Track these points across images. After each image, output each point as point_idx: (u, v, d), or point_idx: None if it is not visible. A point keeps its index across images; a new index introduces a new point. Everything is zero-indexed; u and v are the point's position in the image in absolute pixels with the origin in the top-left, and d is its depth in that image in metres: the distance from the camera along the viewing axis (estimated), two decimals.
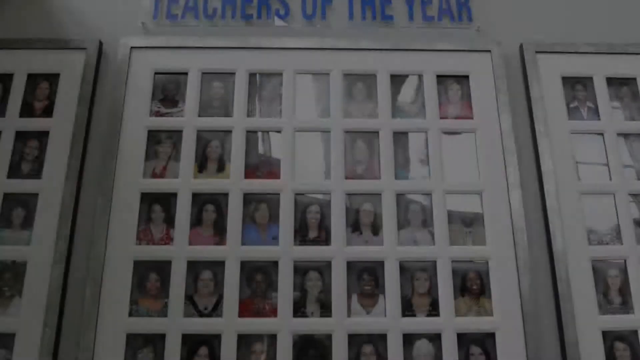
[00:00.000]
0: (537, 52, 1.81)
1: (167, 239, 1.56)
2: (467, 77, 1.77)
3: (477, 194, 1.64)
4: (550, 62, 1.81)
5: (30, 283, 1.52)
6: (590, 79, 1.81)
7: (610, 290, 1.60)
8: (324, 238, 1.57)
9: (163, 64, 1.74)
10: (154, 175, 1.62)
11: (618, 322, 1.56)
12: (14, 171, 1.64)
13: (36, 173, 1.63)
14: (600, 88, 1.80)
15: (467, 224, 1.62)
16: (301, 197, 1.61)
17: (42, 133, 1.67)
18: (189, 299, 1.51)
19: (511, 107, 1.74)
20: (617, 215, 1.66)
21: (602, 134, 1.75)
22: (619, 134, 1.75)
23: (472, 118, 1.72)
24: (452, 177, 1.65)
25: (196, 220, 1.58)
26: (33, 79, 1.74)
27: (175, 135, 1.66)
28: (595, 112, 1.78)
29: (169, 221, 1.58)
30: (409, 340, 1.49)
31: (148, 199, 1.59)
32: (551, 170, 1.67)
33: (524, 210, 1.61)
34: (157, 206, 1.59)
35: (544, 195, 1.64)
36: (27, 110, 1.71)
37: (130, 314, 1.50)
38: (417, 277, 1.55)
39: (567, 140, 1.72)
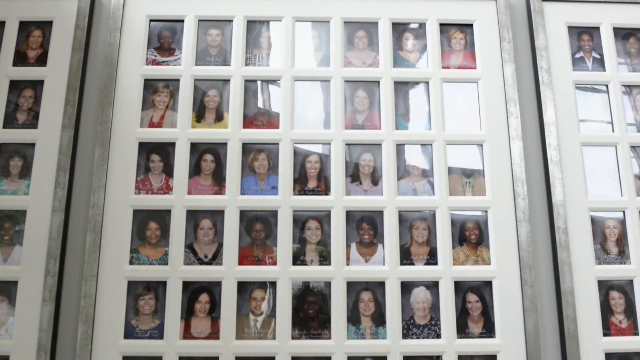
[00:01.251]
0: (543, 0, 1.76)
1: (166, 189, 1.56)
2: (471, 25, 1.72)
3: (478, 145, 1.63)
4: (556, 10, 1.76)
5: (30, 232, 1.53)
6: (597, 28, 1.77)
7: (608, 241, 1.61)
8: (324, 188, 1.57)
9: (158, 10, 1.69)
10: (152, 125, 1.61)
11: (614, 272, 1.58)
12: (9, 121, 1.62)
13: (32, 123, 1.61)
14: (607, 37, 1.75)
15: (467, 175, 1.61)
16: (300, 148, 1.60)
17: (37, 82, 1.64)
18: (189, 247, 1.52)
19: (515, 56, 1.71)
20: (617, 167, 1.66)
21: (606, 85, 1.72)
22: (623, 86, 1.72)
23: (474, 68, 1.69)
24: (453, 127, 1.64)
25: (195, 170, 1.57)
26: (25, 27, 1.70)
27: (172, 84, 1.64)
28: (600, 63, 1.75)
29: (168, 171, 1.57)
30: (407, 287, 1.51)
31: (146, 149, 1.58)
32: (553, 122, 1.65)
33: (524, 161, 1.60)
34: (155, 156, 1.58)
35: (545, 146, 1.63)
36: (20, 58, 1.68)
37: (131, 262, 1.51)
38: (415, 227, 1.55)
39: (571, 91, 1.70)
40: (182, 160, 1.57)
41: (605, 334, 1.53)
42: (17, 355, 1.44)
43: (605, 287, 1.57)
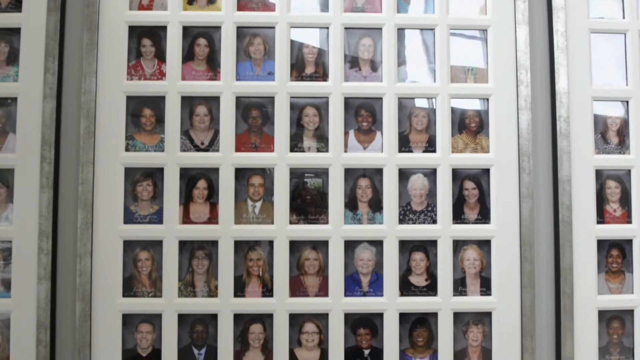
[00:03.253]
0: None
1: (160, 74, 1.51)
2: None
3: (483, 30, 1.56)
4: None
5: (23, 119, 1.50)
6: None
7: (609, 131, 1.59)
8: (322, 74, 1.52)
9: None
10: (141, 7, 1.53)
11: (612, 161, 1.58)
12: None
13: (16, 5, 1.53)
14: None
15: (470, 62, 1.56)
16: (298, 41, 1.53)
17: None
18: (185, 134, 1.50)
19: None
20: (625, 56, 1.61)
21: None
22: None
23: None
24: (457, 11, 1.56)
25: (188, 55, 1.52)
26: None
27: None
28: None
29: (160, 56, 1.52)
30: (404, 174, 1.51)
31: (136, 33, 1.52)
32: (562, 7, 1.57)
33: (529, 47, 1.55)
34: (146, 40, 1.52)
35: (552, 32, 1.57)
36: None
37: (127, 149, 1.50)
38: (415, 114, 1.53)
39: None
40: (174, 44, 1.51)
41: (599, 222, 1.56)
42: (19, 240, 1.47)
43: (602, 177, 1.57)
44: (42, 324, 1.45)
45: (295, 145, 1.51)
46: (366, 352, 1.48)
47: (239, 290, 1.48)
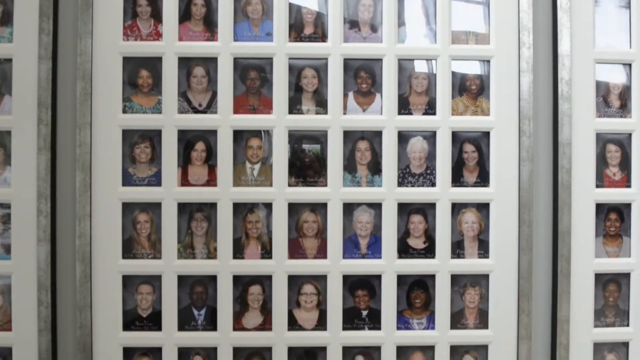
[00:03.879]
0: None
1: (156, 35, 1.49)
2: None
3: None
4: None
5: (18, 81, 1.48)
6: None
7: (611, 94, 1.58)
8: (321, 34, 1.50)
9: None
10: None
11: (613, 125, 1.57)
12: None
13: None
14: None
15: (471, 26, 1.54)
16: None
17: None
18: (183, 95, 1.49)
19: None
20: (629, 17, 1.58)
21: None
22: None
23: None
24: None
25: (185, 15, 1.49)
26: None
27: None
28: None
29: (157, 16, 1.49)
30: (403, 137, 1.51)
31: None
32: None
33: (532, 8, 1.52)
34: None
35: None
36: None
37: (124, 111, 1.48)
38: (415, 76, 1.51)
39: None
40: (170, 4, 1.48)
41: (598, 186, 1.55)
42: (18, 202, 1.47)
43: (602, 140, 1.56)
44: (43, 285, 1.46)
45: (294, 107, 1.49)
46: (364, 313, 1.50)
47: (238, 252, 1.48)
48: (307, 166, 1.49)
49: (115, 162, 1.48)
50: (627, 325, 1.56)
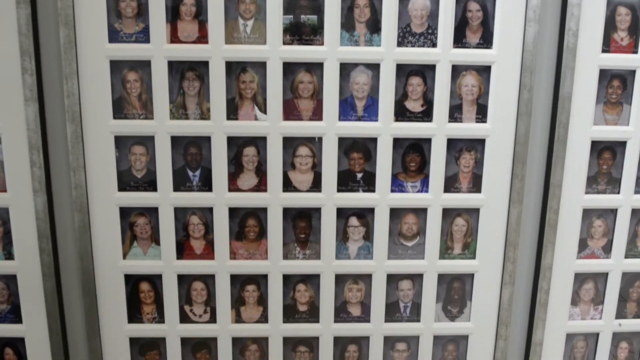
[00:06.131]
0: None
1: None
2: None
3: None
4: None
5: None
6: None
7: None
8: None
9: None
10: None
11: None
12: None
13: None
14: None
15: None
16: None
17: None
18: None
19: None
20: None
21: None
22: None
23: None
24: None
25: None
26: None
27: None
28: None
29: None
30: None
31: None
32: None
33: None
34: None
35: None
36: None
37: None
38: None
39: None
40: None
41: (604, 50, 1.50)
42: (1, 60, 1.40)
43: (614, 2, 1.48)
44: (34, 146, 1.43)
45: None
46: (359, 175, 1.50)
47: (232, 112, 1.45)
48: (302, 24, 1.42)
49: (99, 16, 1.39)
50: (618, 192, 1.59)
